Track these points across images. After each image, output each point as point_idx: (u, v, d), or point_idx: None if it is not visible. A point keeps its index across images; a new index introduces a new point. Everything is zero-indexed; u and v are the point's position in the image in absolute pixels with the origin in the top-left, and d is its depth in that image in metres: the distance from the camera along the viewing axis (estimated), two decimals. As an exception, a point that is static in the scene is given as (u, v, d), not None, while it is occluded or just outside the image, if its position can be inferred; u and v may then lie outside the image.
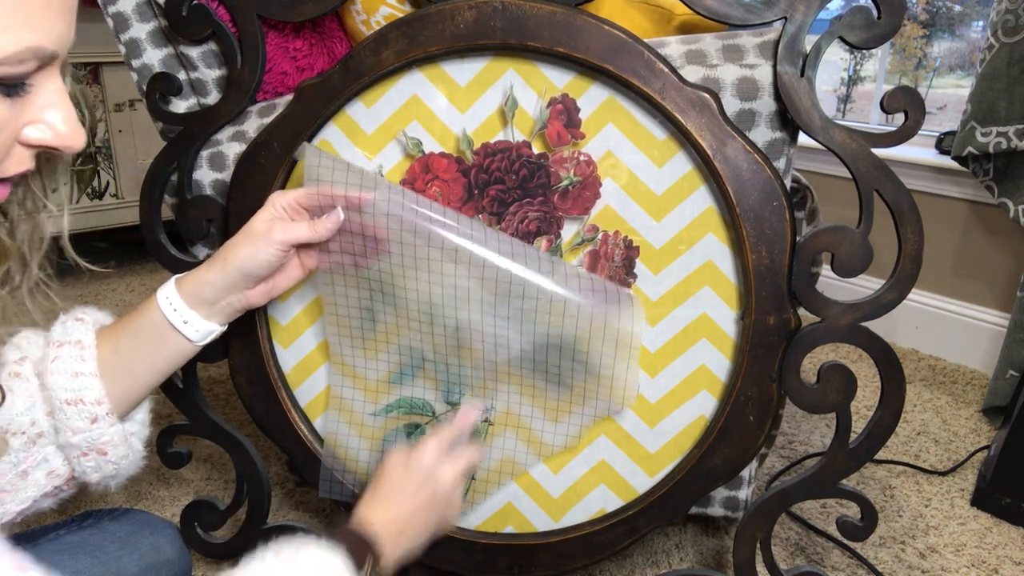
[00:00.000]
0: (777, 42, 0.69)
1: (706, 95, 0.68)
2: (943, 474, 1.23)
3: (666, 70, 0.68)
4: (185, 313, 0.65)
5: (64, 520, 0.74)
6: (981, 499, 1.14)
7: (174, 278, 0.66)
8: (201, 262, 0.82)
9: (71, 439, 0.61)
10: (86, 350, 0.62)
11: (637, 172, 0.72)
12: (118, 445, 0.64)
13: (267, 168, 0.77)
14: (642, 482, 0.79)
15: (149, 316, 0.65)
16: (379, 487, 0.68)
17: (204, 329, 0.66)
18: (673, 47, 0.74)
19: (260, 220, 0.66)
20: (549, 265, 0.72)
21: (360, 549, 0.61)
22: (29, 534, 0.70)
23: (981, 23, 2.01)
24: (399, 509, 0.67)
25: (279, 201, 0.67)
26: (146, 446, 0.69)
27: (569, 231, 0.74)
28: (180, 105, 0.88)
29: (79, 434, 0.61)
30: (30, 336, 0.64)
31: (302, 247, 0.69)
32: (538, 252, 0.73)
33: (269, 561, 0.55)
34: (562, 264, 0.74)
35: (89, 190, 2.03)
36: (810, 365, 1.54)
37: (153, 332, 0.65)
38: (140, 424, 0.68)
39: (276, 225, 0.66)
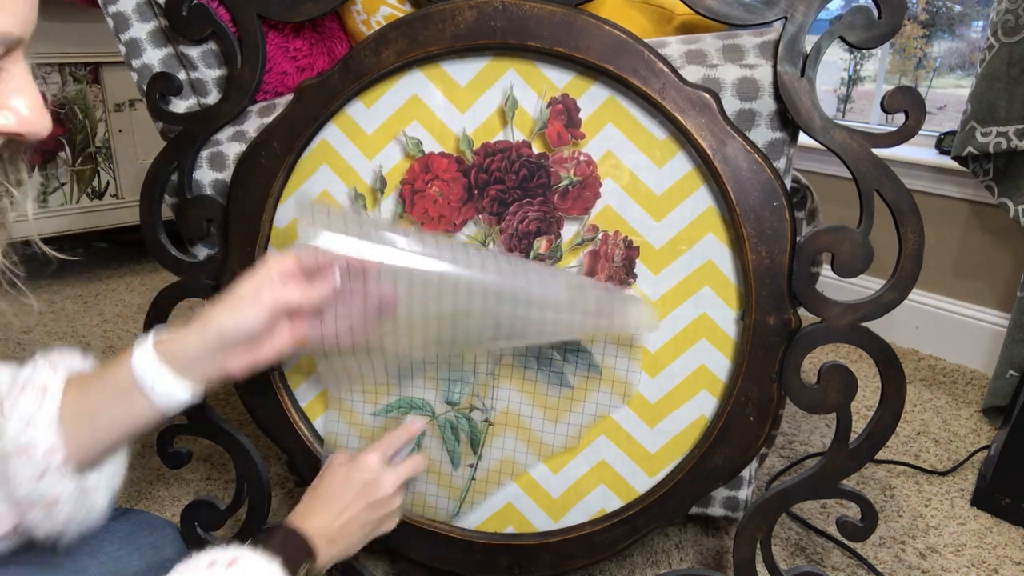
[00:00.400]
0: (777, 42, 0.69)
1: (706, 95, 0.68)
2: (943, 474, 1.23)
3: (666, 70, 0.68)
4: (153, 373, 0.59)
5: (64, 520, 0.74)
6: (981, 499, 1.14)
7: (151, 337, 0.61)
8: (201, 262, 0.83)
9: (16, 492, 0.55)
10: (47, 396, 0.56)
11: (637, 172, 0.72)
12: (67, 501, 0.57)
13: (267, 168, 0.77)
14: (642, 482, 0.79)
15: (118, 370, 0.59)
16: (318, 492, 0.68)
17: (168, 393, 0.59)
18: (673, 47, 0.74)
19: (249, 282, 0.61)
20: (561, 278, 0.71)
21: (295, 554, 0.61)
22: None
23: (981, 23, 2.01)
24: (336, 516, 0.67)
25: (274, 265, 0.62)
26: (112, 501, 0.62)
27: (569, 231, 0.74)
28: (180, 105, 0.88)
29: (23, 487, 0.55)
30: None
31: (294, 313, 0.63)
32: (541, 267, 0.72)
33: (202, 573, 0.54)
34: (576, 276, 0.73)
35: (89, 190, 2.03)
36: (810, 365, 1.54)
37: (119, 388, 0.59)
38: (108, 477, 0.61)
39: (265, 286, 0.60)
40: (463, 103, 0.74)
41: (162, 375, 0.59)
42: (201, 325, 0.60)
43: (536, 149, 0.73)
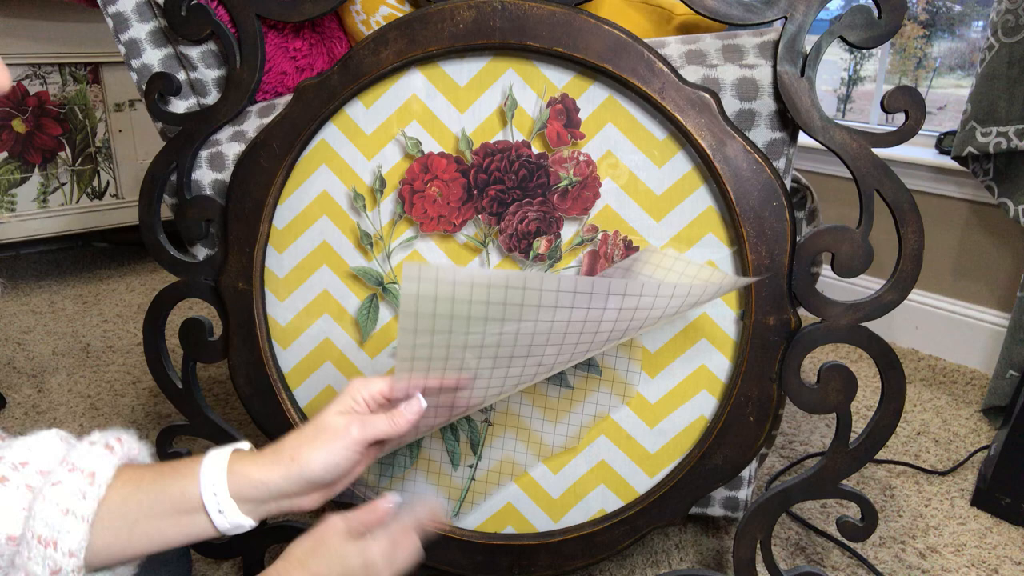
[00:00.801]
0: (777, 42, 0.69)
1: (706, 95, 0.68)
2: (943, 474, 1.23)
3: (666, 70, 0.68)
4: (224, 504, 0.54)
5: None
6: (981, 499, 1.14)
7: (229, 455, 0.55)
8: (200, 262, 0.83)
9: None
10: (93, 487, 0.52)
11: (637, 172, 0.72)
12: None
13: (266, 168, 0.77)
14: (642, 482, 0.79)
15: (183, 484, 0.54)
16: (313, 552, 0.56)
17: (236, 523, 0.55)
18: (673, 47, 0.74)
19: (334, 413, 0.56)
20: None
21: None
22: None
23: (981, 23, 2.01)
24: None
25: (359, 394, 0.57)
26: None
27: (569, 231, 0.74)
28: (180, 105, 0.88)
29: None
30: (48, 441, 0.54)
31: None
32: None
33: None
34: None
35: (89, 190, 2.03)
36: (810, 365, 1.54)
37: (180, 504, 0.54)
38: None
39: (354, 421, 0.55)
40: (462, 103, 0.73)
41: (229, 508, 0.54)
42: (285, 464, 0.55)
43: (536, 149, 0.73)
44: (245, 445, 0.58)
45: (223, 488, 0.54)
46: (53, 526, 0.50)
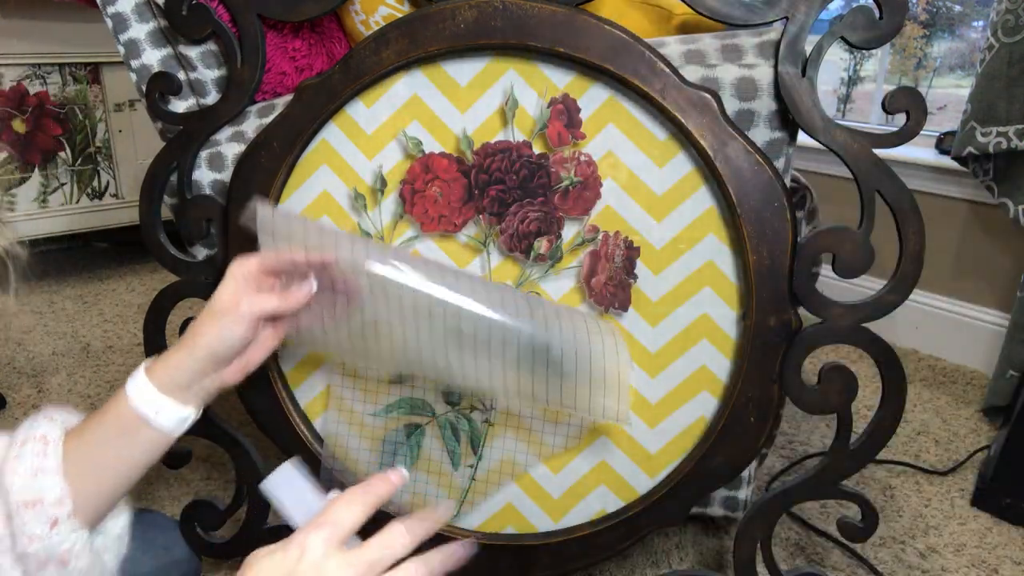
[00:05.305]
0: (778, 42, 0.69)
1: (707, 95, 0.68)
2: (943, 474, 1.23)
3: (667, 70, 0.68)
4: (157, 402, 0.60)
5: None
6: (981, 499, 1.14)
7: (143, 368, 0.61)
8: (200, 262, 0.83)
9: (28, 548, 0.54)
10: (49, 445, 0.56)
11: (638, 172, 0.72)
12: (81, 555, 0.56)
13: (267, 168, 0.77)
14: (642, 483, 0.79)
15: (117, 409, 0.60)
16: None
17: (178, 416, 0.61)
18: (672, 47, 0.74)
19: (224, 294, 0.62)
20: (528, 308, 0.69)
21: None
22: None
23: (981, 23, 2.01)
24: None
25: (239, 271, 0.63)
26: (111, 557, 0.61)
27: (569, 231, 0.74)
28: (179, 105, 0.87)
29: (37, 541, 0.54)
30: None
31: (276, 317, 0.65)
32: (517, 294, 0.72)
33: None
34: (542, 306, 0.70)
35: (89, 190, 2.03)
36: (810, 365, 1.54)
37: (121, 425, 0.60)
38: (115, 539, 0.61)
39: (243, 298, 0.61)
40: (463, 103, 0.73)
41: (164, 405, 0.60)
42: (189, 347, 0.61)
43: (536, 149, 0.73)
44: (150, 361, 0.62)
45: (150, 390, 0.60)
46: (31, 488, 0.54)
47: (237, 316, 0.61)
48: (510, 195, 0.74)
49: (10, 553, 0.54)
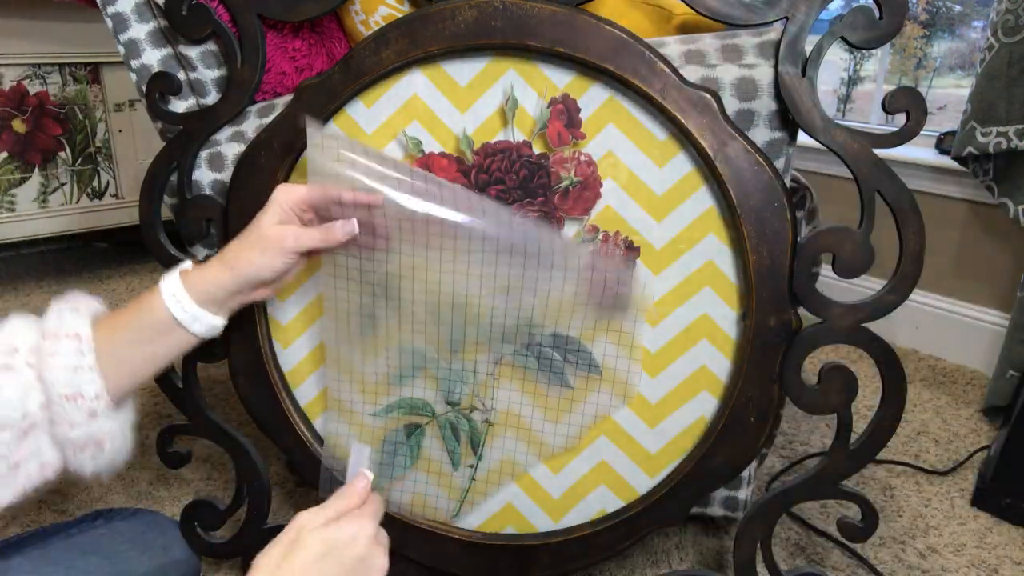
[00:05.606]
0: (778, 42, 0.69)
1: (707, 95, 0.68)
2: (943, 474, 1.23)
3: (667, 70, 0.68)
4: (194, 311, 0.65)
5: (75, 520, 0.74)
6: (981, 499, 1.14)
7: (178, 273, 0.66)
8: (199, 261, 0.83)
9: (69, 433, 0.61)
10: (84, 343, 0.61)
11: (638, 172, 0.72)
12: (116, 437, 0.64)
13: (267, 168, 0.77)
14: (642, 483, 0.79)
15: (153, 314, 0.65)
16: (291, 553, 0.54)
17: (211, 325, 0.67)
18: (672, 47, 0.74)
19: (269, 223, 0.66)
20: (549, 245, 0.71)
21: None
22: (40, 533, 0.70)
23: (981, 23, 2.01)
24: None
25: (285, 200, 0.66)
26: (133, 430, 0.69)
27: (569, 231, 0.74)
28: (179, 105, 0.87)
29: (78, 428, 0.61)
30: (20, 325, 0.62)
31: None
32: (540, 228, 0.73)
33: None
34: (562, 242, 0.74)
35: (89, 190, 2.03)
36: (810, 365, 1.54)
37: (156, 329, 0.65)
38: (130, 411, 0.68)
39: (288, 233, 0.65)
40: (463, 103, 0.73)
41: (200, 315, 0.65)
42: (230, 267, 0.65)
43: (536, 149, 0.73)
44: (188, 264, 0.68)
45: (187, 300, 0.65)
46: (71, 383, 0.60)
47: (282, 250, 0.65)
48: (510, 195, 0.74)
49: (47, 434, 0.61)
